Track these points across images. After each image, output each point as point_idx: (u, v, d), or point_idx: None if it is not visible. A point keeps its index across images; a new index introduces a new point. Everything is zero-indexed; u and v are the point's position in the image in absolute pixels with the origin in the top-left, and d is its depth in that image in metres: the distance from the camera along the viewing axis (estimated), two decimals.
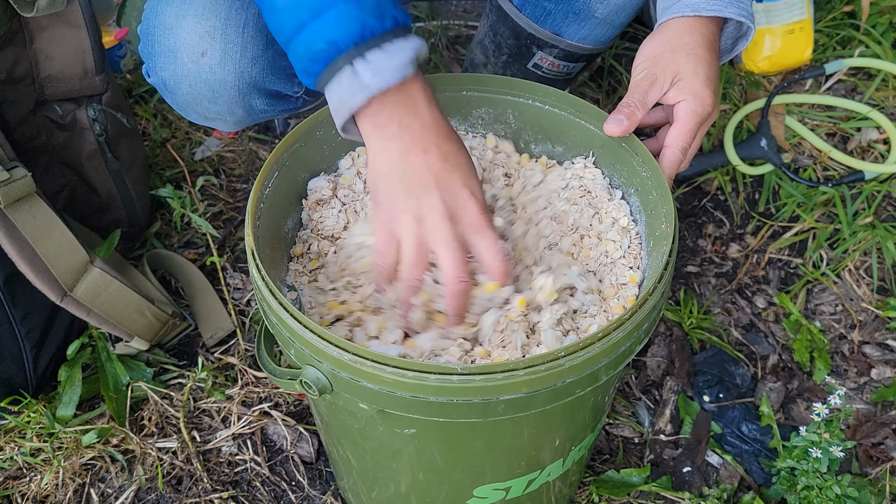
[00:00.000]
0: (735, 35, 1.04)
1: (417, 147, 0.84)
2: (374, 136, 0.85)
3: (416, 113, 0.84)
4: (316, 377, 0.80)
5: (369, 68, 0.80)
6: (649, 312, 0.80)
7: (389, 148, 0.84)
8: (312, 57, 0.81)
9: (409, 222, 0.85)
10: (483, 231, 0.85)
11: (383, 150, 0.85)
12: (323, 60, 0.81)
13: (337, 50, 0.80)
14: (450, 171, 0.84)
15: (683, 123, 0.95)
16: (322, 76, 0.82)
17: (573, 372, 0.76)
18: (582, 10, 1.20)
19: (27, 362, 1.26)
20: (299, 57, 0.83)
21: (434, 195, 0.84)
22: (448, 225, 0.84)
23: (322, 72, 0.81)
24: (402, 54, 0.81)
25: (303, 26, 0.81)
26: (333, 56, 0.80)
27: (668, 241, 0.86)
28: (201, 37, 1.04)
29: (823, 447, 1.13)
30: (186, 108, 1.13)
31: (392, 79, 0.80)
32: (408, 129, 0.83)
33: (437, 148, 0.84)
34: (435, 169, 0.84)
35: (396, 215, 0.86)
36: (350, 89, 0.81)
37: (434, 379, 0.74)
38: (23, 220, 1.14)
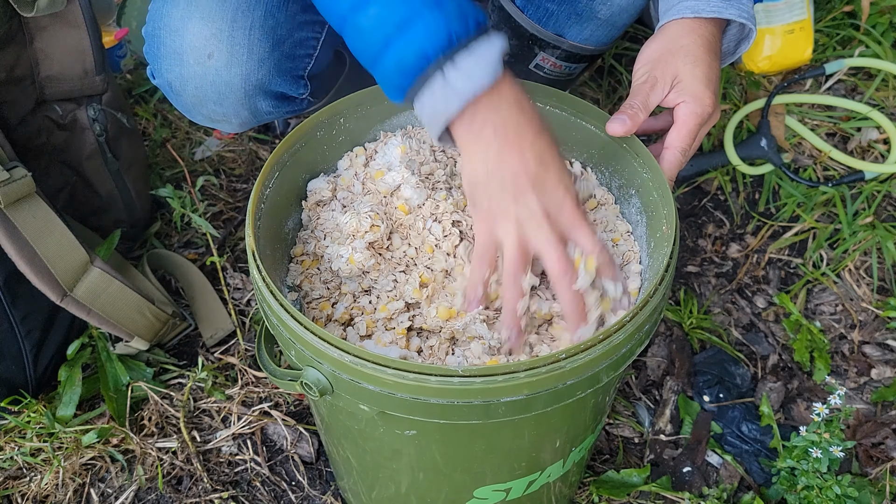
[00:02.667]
0: (738, 37, 1.04)
1: (513, 149, 0.83)
2: (469, 141, 0.84)
3: (510, 113, 0.83)
4: (316, 378, 0.80)
5: (461, 74, 0.79)
6: (650, 314, 0.80)
7: (486, 152, 0.84)
8: (403, 71, 0.80)
9: (509, 225, 0.85)
10: (582, 226, 0.86)
11: (479, 154, 0.84)
12: (413, 73, 0.79)
13: (427, 61, 0.78)
14: (545, 170, 0.84)
15: (683, 125, 0.96)
16: (412, 89, 0.81)
17: (574, 374, 0.76)
18: (584, 11, 1.20)
19: (27, 362, 1.26)
20: (388, 73, 0.82)
21: (532, 197, 0.84)
22: (547, 224, 0.84)
23: (412, 85, 0.80)
24: (490, 55, 0.80)
25: (389, 42, 0.80)
26: (424, 67, 0.79)
27: (668, 242, 0.86)
28: (207, 39, 1.04)
29: (823, 447, 1.13)
30: (192, 110, 1.13)
31: (484, 82, 0.80)
32: (503, 132, 0.83)
33: (532, 148, 0.84)
34: (531, 170, 0.84)
35: (496, 220, 0.86)
36: (444, 98, 0.80)
37: (435, 381, 0.74)
38: (23, 220, 1.14)
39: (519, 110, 0.83)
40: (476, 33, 0.80)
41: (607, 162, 1.02)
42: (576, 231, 0.86)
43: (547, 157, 0.85)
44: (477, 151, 0.84)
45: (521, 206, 0.84)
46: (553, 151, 0.86)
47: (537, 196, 0.84)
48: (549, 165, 0.85)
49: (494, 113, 0.82)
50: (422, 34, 0.78)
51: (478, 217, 0.88)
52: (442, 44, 0.78)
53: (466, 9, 0.80)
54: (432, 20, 0.78)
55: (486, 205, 0.86)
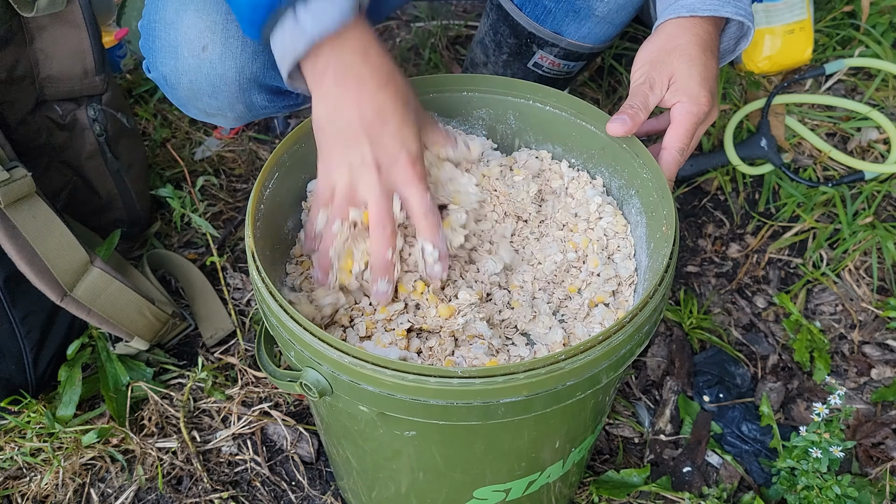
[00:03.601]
0: (737, 35, 1.04)
1: (350, 97, 0.85)
2: (313, 86, 0.86)
3: (353, 61, 0.84)
4: (316, 379, 0.80)
5: (309, 14, 0.80)
6: (650, 314, 0.80)
7: (325, 99, 0.86)
8: (255, 6, 0.81)
9: (342, 170, 0.88)
10: (412, 182, 0.88)
11: (320, 100, 0.86)
12: (265, 8, 0.81)
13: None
14: (382, 122, 0.86)
15: (679, 125, 0.96)
16: (265, 27, 0.82)
17: (574, 375, 0.76)
18: (582, 9, 1.20)
19: (27, 362, 1.26)
20: (241, 6, 0.83)
21: (365, 146, 0.86)
22: (376, 174, 0.86)
23: (265, 22, 0.82)
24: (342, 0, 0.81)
25: None
26: (275, 5, 0.80)
27: (668, 243, 0.86)
28: (202, 32, 1.04)
29: (823, 447, 1.13)
30: (187, 104, 1.13)
31: (332, 24, 0.81)
32: (342, 81, 0.84)
33: (372, 98, 0.85)
34: (367, 120, 0.85)
35: (331, 164, 0.89)
36: (293, 36, 0.81)
37: (434, 382, 0.74)
38: (23, 220, 1.14)
39: (363, 59, 0.84)
40: None
41: (607, 162, 1.02)
42: (406, 187, 0.88)
43: (388, 110, 0.86)
44: (319, 96, 0.86)
45: (353, 153, 0.86)
46: (397, 104, 0.87)
47: (371, 146, 0.86)
48: (388, 117, 0.86)
49: (336, 58, 0.83)
50: None
51: (319, 160, 0.91)
52: None
53: None
54: None
55: (324, 149, 0.89)
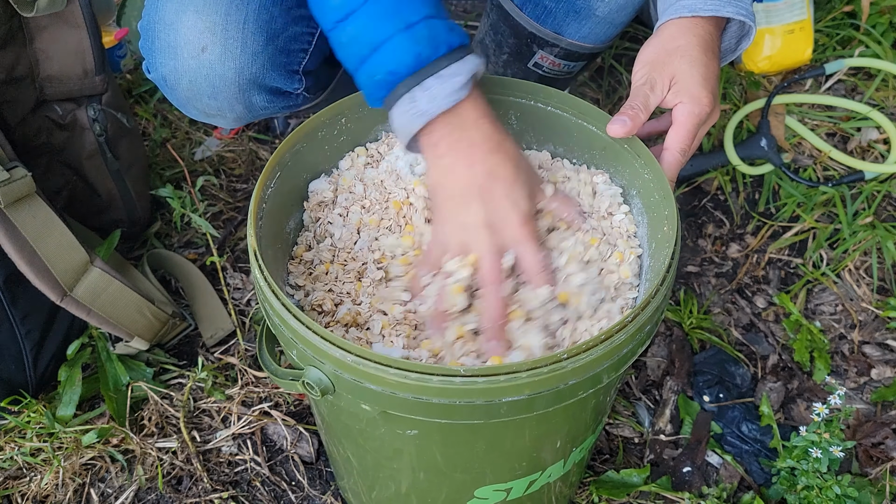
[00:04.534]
0: (738, 35, 1.04)
1: (463, 163, 0.89)
2: (428, 154, 0.91)
3: (464, 130, 0.89)
4: (318, 378, 0.80)
5: (426, 95, 0.85)
6: (651, 315, 0.80)
7: (439, 164, 0.90)
8: (375, 85, 0.87)
9: (454, 231, 0.91)
10: (523, 242, 0.90)
11: (434, 167, 0.91)
12: (385, 89, 0.87)
13: (396, 79, 0.86)
14: (492, 183, 0.89)
15: (681, 126, 0.96)
16: (387, 101, 0.88)
17: (576, 374, 0.76)
18: (583, 9, 1.20)
19: (27, 362, 1.25)
20: (364, 85, 0.89)
21: (477, 206, 0.89)
22: (487, 233, 0.89)
23: (386, 97, 0.87)
24: (456, 78, 0.86)
25: (364, 60, 0.87)
26: (393, 85, 0.86)
27: (670, 243, 0.86)
28: (201, 32, 1.04)
29: (823, 447, 1.13)
30: (186, 105, 1.13)
31: (445, 104, 0.86)
32: (455, 147, 0.89)
33: (483, 162, 0.89)
34: (479, 182, 0.89)
35: (444, 225, 0.92)
36: (410, 115, 0.87)
37: (437, 381, 0.74)
38: (23, 220, 1.14)
39: (475, 127, 0.89)
40: (446, 56, 0.86)
41: (609, 163, 1.02)
42: (519, 247, 0.90)
43: (498, 172, 0.90)
44: (433, 163, 0.91)
45: (466, 214, 0.90)
46: (507, 166, 0.90)
47: (483, 206, 0.89)
48: (498, 179, 0.89)
49: (450, 129, 0.89)
50: (391, 56, 0.85)
51: (433, 220, 0.94)
52: (409, 65, 0.85)
53: (439, 33, 0.86)
54: (400, 44, 0.85)
55: (437, 212, 0.93)
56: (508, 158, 0.91)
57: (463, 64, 0.87)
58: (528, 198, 0.92)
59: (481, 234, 0.89)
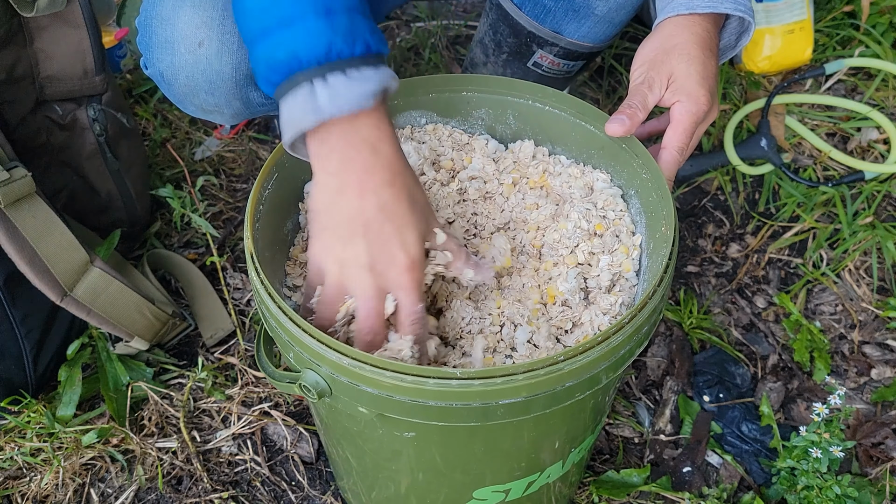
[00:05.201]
0: (737, 31, 1.04)
1: (353, 190, 0.80)
2: (316, 166, 0.82)
3: (360, 150, 0.80)
4: (315, 381, 0.80)
5: (327, 91, 0.76)
6: (649, 315, 0.80)
7: (327, 183, 0.81)
8: (272, 66, 0.78)
9: (333, 265, 0.83)
10: (403, 289, 0.82)
11: (321, 183, 0.82)
12: (283, 72, 0.78)
13: (298, 65, 0.77)
14: (382, 221, 0.81)
15: (679, 124, 0.95)
16: (280, 87, 0.79)
17: (573, 376, 0.76)
18: (582, 8, 1.20)
19: (27, 362, 1.26)
20: (259, 62, 0.80)
21: (360, 244, 0.81)
22: (369, 276, 0.81)
23: (281, 83, 0.79)
24: (366, 84, 0.77)
25: (268, 32, 0.78)
26: (294, 70, 0.77)
27: (668, 243, 0.86)
28: (198, 27, 1.04)
29: (823, 447, 1.13)
30: (184, 100, 1.12)
31: (347, 107, 0.77)
32: (349, 168, 0.80)
33: (375, 194, 0.80)
34: (367, 216, 0.80)
35: (322, 255, 0.84)
36: (303, 108, 0.77)
37: (433, 383, 0.74)
38: (23, 220, 1.14)
39: (372, 151, 0.80)
40: (361, 57, 0.78)
41: (607, 162, 1.02)
42: (399, 292, 0.83)
43: (391, 208, 0.81)
44: (320, 179, 0.82)
45: (347, 250, 0.81)
46: (400, 204, 0.82)
47: (367, 245, 0.81)
48: (390, 216, 0.81)
49: (345, 144, 0.79)
50: (300, 37, 0.76)
51: (310, 245, 0.86)
52: (318, 55, 0.76)
53: (360, 30, 0.78)
54: (315, 27, 0.76)
55: (316, 236, 0.84)
56: (405, 193, 0.82)
57: (377, 72, 0.78)
58: (419, 241, 0.83)
59: (362, 277, 0.81)
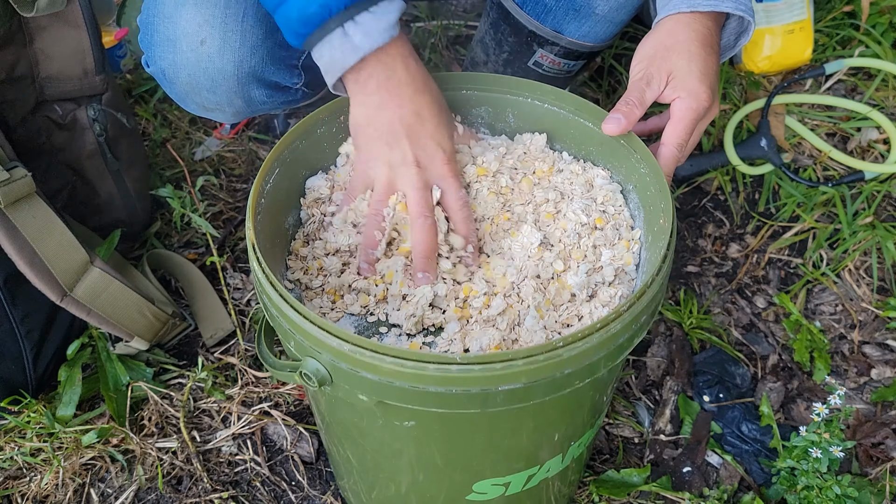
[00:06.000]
0: (737, 30, 1.04)
1: (392, 102, 0.91)
2: (355, 92, 0.91)
3: (395, 70, 0.90)
4: (315, 368, 0.80)
5: (359, 30, 0.85)
6: (648, 303, 0.80)
7: (367, 102, 0.91)
8: (305, 19, 0.86)
9: (381, 167, 0.93)
10: (447, 178, 0.94)
11: (362, 104, 0.92)
12: (315, 23, 0.85)
13: (329, 13, 0.85)
14: (420, 123, 0.92)
15: (679, 120, 0.96)
16: (311, 37, 0.87)
17: (572, 363, 0.76)
18: (582, 7, 1.20)
19: (27, 362, 1.26)
20: (290, 19, 0.87)
21: (404, 144, 0.92)
22: (415, 170, 0.92)
23: (312, 33, 0.86)
24: (390, 16, 0.87)
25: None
26: (325, 18, 0.85)
27: (665, 235, 0.87)
28: (200, 25, 1.05)
29: (823, 447, 1.13)
30: (185, 98, 1.13)
31: (381, 39, 0.87)
32: (385, 86, 0.90)
33: (411, 102, 0.91)
34: (407, 121, 0.91)
35: (370, 161, 0.94)
36: (342, 50, 0.86)
37: (433, 368, 0.74)
38: (23, 220, 1.14)
39: (404, 68, 0.91)
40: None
41: (605, 158, 1.02)
42: (443, 181, 0.94)
43: (425, 113, 0.92)
44: (361, 101, 0.92)
45: (394, 151, 0.92)
46: (433, 108, 0.93)
47: (410, 144, 0.92)
48: (425, 120, 0.92)
49: (381, 68, 0.89)
50: None
51: (357, 158, 0.96)
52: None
53: None
54: None
55: (363, 148, 0.95)
56: (434, 99, 0.94)
57: (392, 2, 0.88)
58: (450, 137, 0.95)
59: (410, 171, 0.92)
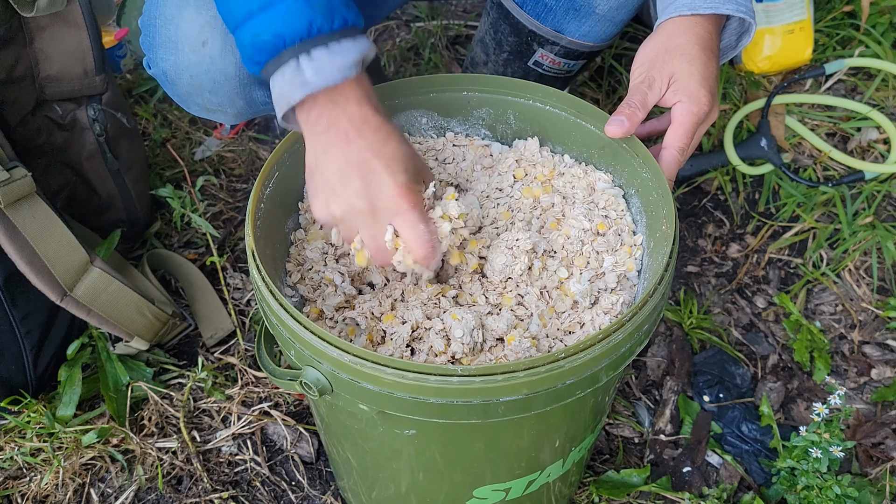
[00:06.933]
0: (738, 32, 1.04)
1: (340, 141, 0.87)
2: (306, 131, 0.88)
3: (345, 109, 0.86)
4: (316, 378, 0.80)
5: (312, 66, 0.83)
6: (650, 313, 0.80)
7: (316, 143, 0.88)
8: (259, 47, 0.83)
9: (335, 210, 0.89)
10: (402, 213, 0.88)
11: (312, 144, 0.89)
12: (269, 52, 0.83)
13: (283, 43, 0.82)
14: (370, 159, 0.87)
15: (680, 124, 0.95)
16: (267, 66, 0.84)
17: (573, 373, 0.76)
18: (583, 7, 1.20)
19: (27, 362, 1.26)
20: (245, 45, 0.85)
21: (352, 183, 0.87)
22: (368, 207, 0.88)
23: (267, 62, 0.84)
24: (347, 56, 0.84)
25: (251, 16, 0.83)
26: (279, 49, 0.83)
27: (668, 242, 0.86)
28: (202, 27, 1.04)
29: (823, 447, 1.13)
30: (187, 100, 1.13)
31: (332, 79, 0.83)
32: (336, 125, 0.87)
33: (362, 138, 0.87)
34: (354, 158, 0.87)
35: (323, 209, 0.90)
36: (291, 83, 0.83)
37: (434, 380, 0.74)
38: (23, 220, 1.14)
39: (357, 107, 0.87)
40: (340, 31, 0.83)
41: (607, 162, 1.02)
42: (396, 218, 0.89)
43: (377, 148, 0.87)
44: (310, 140, 0.89)
45: (344, 190, 0.88)
46: (387, 144, 0.88)
47: (360, 181, 0.87)
48: (378, 154, 0.87)
49: (332, 107, 0.86)
50: (282, 17, 0.82)
51: (311, 204, 0.92)
52: (300, 32, 0.82)
53: (337, 6, 0.83)
54: (295, 6, 0.81)
55: (313, 195, 0.91)
56: (389, 139, 0.89)
57: (355, 43, 0.85)
58: (408, 172, 0.89)
59: (359, 213, 0.88)
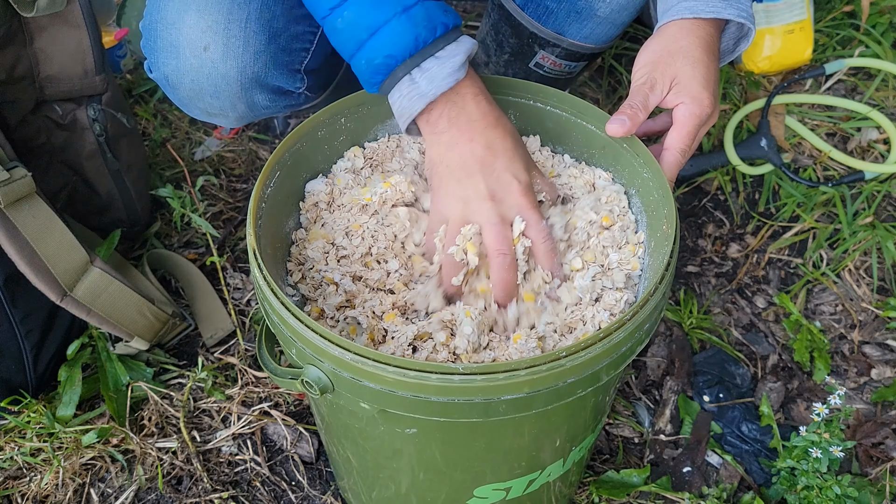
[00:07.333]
0: (737, 36, 1.04)
1: (463, 138, 0.91)
2: (427, 132, 0.93)
3: (464, 108, 0.91)
4: (317, 377, 0.80)
5: (425, 77, 0.88)
6: (650, 312, 0.80)
7: (439, 141, 0.92)
8: (374, 70, 0.89)
9: (455, 203, 0.93)
10: (525, 211, 0.92)
11: (434, 143, 0.93)
12: (383, 73, 0.88)
13: (395, 62, 0.87)
14: (493, 156, 0.91)
15: (682, 126, 0.96)
16: (384, 85, 0.90)
17: (574, 372, 0.76)
18: (584, 9, 1.20)
19: (27, 362, 1.25)
20: (361, 70, 0.90)
21: (477, 178, 0.91)
22: (490, 204, 0.91)
23: (383, 81, 0.89)
24: (455, 59, 0.88)
25: (362, 44, 0.88)
26: (392, 68, 0.88)
27: (669, 241, 0.86)
28: (203, 31, 1.05)
29: (823, 447, 1.13)
30: (189, 104, 1.13)
31: (445, 84, 0.88)
32: (455, 123, 0.91)
33: (482, 136, 0.91)
34: (478, 156, 0.91)
35: (444, 199, 0.93)
36: (409, 97, 0.89)
37: (436, 379, 0.74)
38: (23, 220, 1.14)
39: (474, 104, 0.92)
40: (443, 37, 0.88)
41: (608, 162, 1.02)
42: (524, 212, 0.93)
43: (497, 146, 0.92)
44: (433, 140, 0.93)
45: (467, 187, 0.92)
46: (506, 141, 0.93)
47: (483, 178, 0.91)
48: (498, 153, 0.92)
49: (451, 107, 0.91)
50: (389, 39, 0.87)
51: (432, 198, 0.96)
52: (408, 48, 0.87)
53: (435, 15, 0.88)
54: (399, 26, 0.86)
55: (436, 187, 0.94)
56: (507, 133, 0.93)
57: (458, 45, 0.89)
58: (526, 170, 0.94)
59: (484, 206, 0.91)
